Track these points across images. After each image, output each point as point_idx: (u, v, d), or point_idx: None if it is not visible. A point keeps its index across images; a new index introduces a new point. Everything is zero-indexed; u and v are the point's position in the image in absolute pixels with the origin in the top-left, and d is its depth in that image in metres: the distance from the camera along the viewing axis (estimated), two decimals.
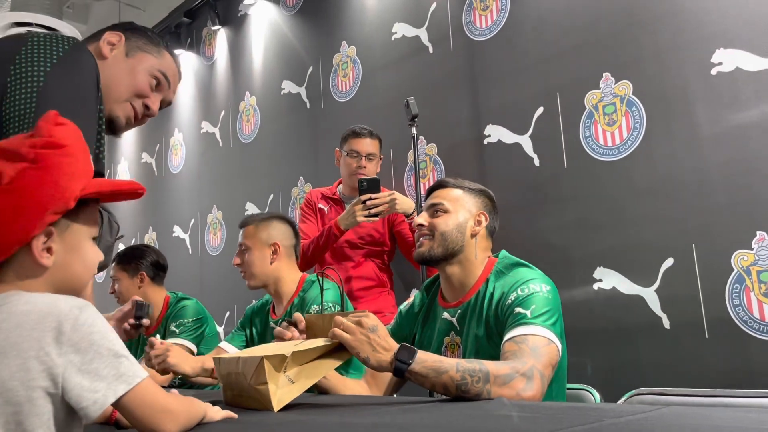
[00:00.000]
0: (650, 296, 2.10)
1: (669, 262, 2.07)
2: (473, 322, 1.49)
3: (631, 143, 2.20)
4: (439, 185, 1.64)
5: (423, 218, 1.60)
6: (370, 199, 2.45)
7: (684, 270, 2.03)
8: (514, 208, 2.41)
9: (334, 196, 2.79)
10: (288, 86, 3.61)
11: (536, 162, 2.45)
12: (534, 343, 1.29)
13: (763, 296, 1.88)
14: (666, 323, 2.06)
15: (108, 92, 1.22)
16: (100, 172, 1.06)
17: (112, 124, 1.28)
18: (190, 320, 2.58)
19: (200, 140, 4.27)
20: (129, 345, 2.62)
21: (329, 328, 1.25)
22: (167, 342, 2.09)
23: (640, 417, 0.85)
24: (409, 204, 2.53)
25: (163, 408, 0.83)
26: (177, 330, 2.55)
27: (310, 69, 3.48)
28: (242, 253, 2.15)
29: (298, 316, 1.48)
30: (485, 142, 2.62)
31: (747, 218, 1.93)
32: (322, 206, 2.78)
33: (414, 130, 2.48)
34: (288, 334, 1.45)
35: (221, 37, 4.18)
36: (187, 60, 4.35)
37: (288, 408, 1.15)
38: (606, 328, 2.20)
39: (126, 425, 0.96)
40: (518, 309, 1.37)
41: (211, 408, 0.98)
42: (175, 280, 3.40)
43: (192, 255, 4.19)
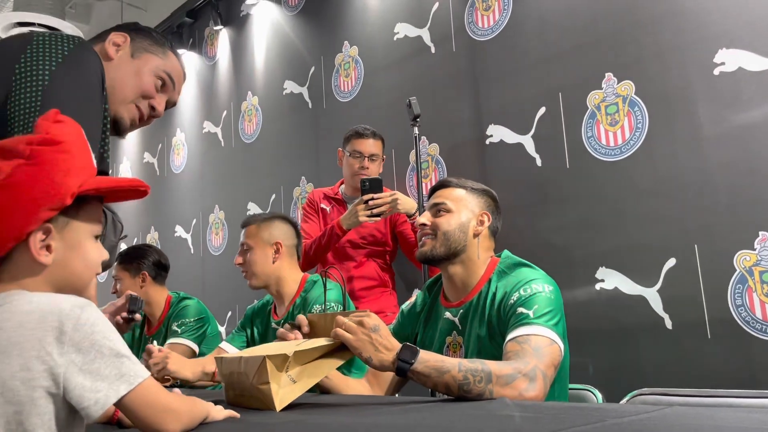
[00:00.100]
0: (652, 296, 2.10)
1: (671, 263, 2.07)
2: (475, 322, 1.49)
3: (634, 143, 2.20)
4: (442, 185, 1.64)
5: (425, 218, 1.60)
6: (372, 199, 2.45)
7: (686, 270, 2.03)
8: (516, 208, 2.41)
9: (336, 196, 2.79)
10: (290, 86, 3.61)
11: (538, 162, 2.45)
12: (536, 344, 1.29)
13: (766, 296, 1.88)
14: (668, 323, 2.06)
15: (114, 93, 1.22)
16: (105, 172, 1.06)
17: (117, 125, 1.28)
18: (192, 320, 2.58)
19: (202, 140, 4.27)
20: (130, 345, 2.62)
21: (331, 328, 1.25)
22: (165, 348, 2.09)
23: (643, 417, 0.85)
24: (411, 204, 2.53)
25: (166, 408, 0.82)
26: (179, 330, 2.55)
27: (312, 69, 3.48)
28: (244, 253, 2.15)
29: (302, 319, 1.43)
30: (487, 142, 2.62)
31: (749, 218, 1.93)
32: (324, 206, 2.78)
33: (416, 130, 2.48)
34: (291, 336, 1.42)
35: (223, 37, 4.18)
36: (190, 60, 4.35)
37: (290, 408, 1.15)
38: (608, 329, 2.19)
39: (128, 425, 0.96)
40: (521, 309, 1.37)
41: (214, 408, 0.98)
42: (177, 280, 3.40)
43: (194, 255, 4.20)
